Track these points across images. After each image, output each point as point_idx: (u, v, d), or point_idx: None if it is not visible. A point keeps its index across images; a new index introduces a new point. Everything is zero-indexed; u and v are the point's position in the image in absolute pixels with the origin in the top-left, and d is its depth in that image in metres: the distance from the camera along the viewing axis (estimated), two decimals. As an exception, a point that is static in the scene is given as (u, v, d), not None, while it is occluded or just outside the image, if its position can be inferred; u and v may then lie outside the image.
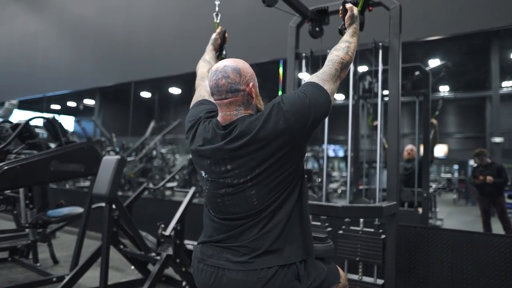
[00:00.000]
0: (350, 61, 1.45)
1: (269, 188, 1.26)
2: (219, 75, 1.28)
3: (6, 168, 2.74)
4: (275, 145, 1.23)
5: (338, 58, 1.42)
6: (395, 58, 2.29)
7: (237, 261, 1.26)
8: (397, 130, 2.26)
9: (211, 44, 1.94)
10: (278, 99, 1.30)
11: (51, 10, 6.91)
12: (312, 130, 1.30)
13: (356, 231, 2.29)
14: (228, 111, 1.29)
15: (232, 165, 1.26)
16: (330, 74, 1.38)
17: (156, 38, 5.03)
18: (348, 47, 1.47)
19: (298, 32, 2.71)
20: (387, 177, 2.27)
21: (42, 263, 3.52)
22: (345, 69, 1.43)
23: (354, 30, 1.57)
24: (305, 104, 1.26)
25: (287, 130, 1.22)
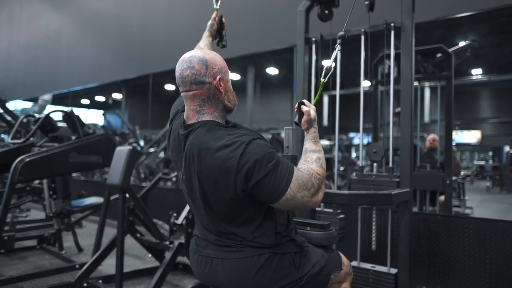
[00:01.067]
0: (324, 174, 1.23)
1: (225, 212, 1.22)
2: (184, 65, 1.21)
3: (27, 160, 2.86)
4: (224, 181, 1.14)
5: (315, 173, 1.19)
6: (407, 40, 2.18)
7: (228, 250, 1.25)
8: (411, 115, 2.17)
9: (207, 30, 1.92)
10: (248, 138, 1.15)
11: (73, 8, 7.10)
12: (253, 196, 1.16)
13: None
14: (192, 105, 1.23)
15: (184, 169, 1.25)
16: (306, 184, 1.16)
17: (172, 29, 5.06)
18: (319, 159, 1.24)
19: (307, 16, 2.63)
20: (400, 164, 2.19)
21: (67, 251, 3.67)
22: (323, 185, 1.21)
23: (314, 135, 1.32)
24: (263, 164, 1.11)
25: (231, 171, 1.12)
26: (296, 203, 1.15)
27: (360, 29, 2.41)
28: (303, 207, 1.19)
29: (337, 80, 2.43)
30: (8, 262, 3.41)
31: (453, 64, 3.59)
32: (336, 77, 2.42)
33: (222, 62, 1.26)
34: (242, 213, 1.21)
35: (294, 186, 1.13)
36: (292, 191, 1.13)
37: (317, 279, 1.36)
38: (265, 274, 1.23)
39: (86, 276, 2.71)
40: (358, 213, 2.41)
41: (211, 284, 1.33)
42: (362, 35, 2.40)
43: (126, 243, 3.21)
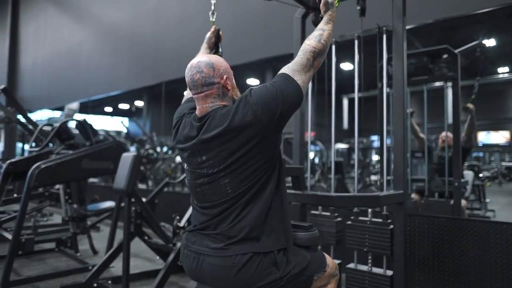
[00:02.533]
0: (323, 49, 1.42)
1: (242, 177, 1.31)
2: (194, 71, 1.35)
3: (43, 167, 3.04)
4: (244, 136, 1.27)
5: (310, 47, 1.40)
6: (399, 43, 2.20)
7: (214, 247, 1.33)
8: (403, 117, 2.18)
9: (205, 42, 2.03)
10: (246, 92, 1.35)
11: (92, 21, 7.42)
12: (283, 121, 1.32)
13: (364, 221, 2.25)
14: (205, 103, 1.36)
15: (206, 156, 1.33)
16: (301, 64, 1.38)
17: (183, 38, 5.22)
18: (321, 35, 1.44)
19: (303, 23, 2.69)
20: (394, 166, 2.20)
21: (83, 253, 3.84)
22: (319, 57, 1.41)
23: (329, 17, 1.53)
24: (272, 96, 1.29)
25: (255, 122, 1.26)
26: (308, 80, 1.39)
27: (354, 34, 2.45)
28: (312, 76, 1.43)
29: (355, 82, 2.45)
30: (28, 263, 3.60)
31: (459, 64, 3.54)
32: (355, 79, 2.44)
33: (225, 64, 1.40)
34: (254, 183, 1.31)
35: (296, 76, 1.35)
36: (299, 80, 1.34)
37: (299, 279, 1.40)
38: (247, 273, 1.29)
39: (96, 277, 2.84)
40: (354, 216, 2.43)
41: (198, 279, 1.41)
42: (356, 39, 2.44)
43: (138, 246, 3.35)
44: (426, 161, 3.82)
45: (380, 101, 3.68)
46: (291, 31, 2.71)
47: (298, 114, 2.66)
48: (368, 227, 2.23)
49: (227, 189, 1.33)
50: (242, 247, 1.31)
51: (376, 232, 2.20)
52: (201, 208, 1.41)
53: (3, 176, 3.53)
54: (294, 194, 1.98)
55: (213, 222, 1.36)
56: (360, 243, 2.25)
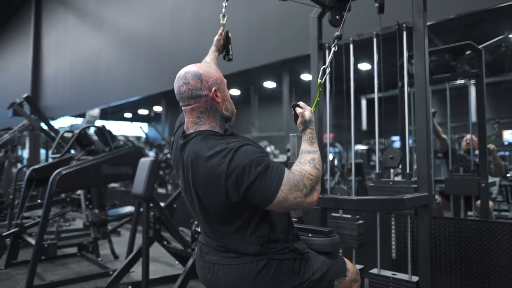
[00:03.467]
0: (319, 175, 1.24)
1: (218, 219, 1.28)
2: (180, 82, 1.29)
3: (63, 173, 3.09)
4: (214, 187, 1.19)
5: (307, 174, 1.21)
6: (420, 40, 2.13)
7: (228, 256, 1.30)
8: (426, 117, 2.10)
9: (213, 45, 2.00)
10: (235, 146, 1.19)
11: (109, 28, 7.56)
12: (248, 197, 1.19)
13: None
14: (191, 117, 1.30)
15: (182, 176, 1.31)
16: (297, 185, 1.18)
17: (199, 42, 5.23)
18: (314, 159, 1.26)
19: (320, 23, 2.64)
20: (417, 167, 2.12)
21: (104, 258, 3.88)
22: (317, 185, 1.23)
23: (310, 136, 1.35)
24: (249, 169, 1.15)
25: (221, 179, 1.17)
26: (289, 204, 1.18)
27: (372, 32, 2.38)
28: (297, 207, 1.21)
29: (375, 81, 2.38)
30: (51, 268, 3.66)
31: (483, 60, 3.41)
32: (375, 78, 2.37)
33: (216, 74, 1.32)
34: (237, 217, 1.25)
35: (285, 187, 1.16)
36: (283, 193, 1.15)
37: (319, 285, 1.36)
38: (264, 279, 1.25)
39: (117, 282, 2.85)
40: (377, 219, 2.35)
41: None
42: (374, 37, 2.37)
43: (158, 250, 3.35)
44: (450, 162, 3.69)
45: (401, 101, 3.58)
46: (307, 32, 2.66)
47: (316, 116, 2.60)
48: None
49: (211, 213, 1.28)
50: (255, 255, 1.28)
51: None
52: (200, 222, 1.38)
53: (26, 182, 3.62)
54: (313, 197, 1.93)
55: (216, 237, 1.33)
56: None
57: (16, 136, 5.87)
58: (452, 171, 3.56)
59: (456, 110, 3.80)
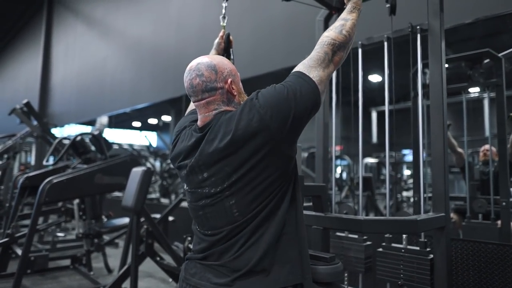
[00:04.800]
0: (346, 41, 1.20)
1: (251, 196, 1.08)
2: (193, 74, 1.15)
3: (54, 182, 2.93)
4: (251, 147, 1.06)
5: (329, 39, 1.19)
6: (436, 43, 1.93)
7: (216, 282, 1.11)
8: (443, 129, 1.89)
9: (214, 49, 1.84)
10: (253, 95, 1.13)
11: (116, 36, 7.53)
12: (297, 127, 1.10)
13: (398, 249, 1.95)
14: (207, 112, 1.15)
15: (208, 172, 1.12)
16: (318, 59, 1.16)
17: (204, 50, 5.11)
18: (343, 25, 1.23)
19: (326, 25, 2.47)
20: (432, 184, 1.90)
21: (98, 272, 3.70)
22: (340, 51, 1.20)
23: (353, 5, 1.31)
24: (282, 97, 1.08)
25: (263, 129, 1.05)
26: (327, 78, 1.16)
27: (383, 35, 2.19)
28: (332, 73, 1.20)
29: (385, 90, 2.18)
30: (41, 281, 3.48)
31: (503, 70, 3.18)
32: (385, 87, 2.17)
33: (230, 65, 1.20)
34: (266, 204, 1.09)
35: (312, 73, 1.13)
36: (315, 78, 1.12)
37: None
38: None
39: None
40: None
41: None
42: (385, 41, 2.18)
43: (152, 265, 3.15)
44: (467, 178, 3.44)
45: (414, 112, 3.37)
46: (314, 36, 2.48)
47: (321, 126, 2.42)
48: (403, 256, 1.92)
49: (233, 212, 1.10)
50: (249, 283, 1.07)
51: (412, 263, 1.88)
52: (203, 234, 1.19)
53: (19, 191, 3.47)
54: (315, 216, 1.72)
55: (216, 251, 1.14)
56: (394, 275, 1.94)
57: (18, 143, 5.79)
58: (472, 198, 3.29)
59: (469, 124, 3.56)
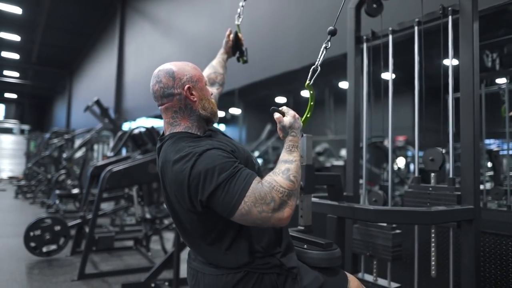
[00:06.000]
0: (294, 188, 1.08)
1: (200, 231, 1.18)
2: (154, 81, 1.22)
3: (113, 171, 3.29)
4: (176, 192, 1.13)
5: (277, 186, 1.06)
6: (467, 26, 1.81)
7: (208, 266, 1.23)
8: (473, 119, 1.78)
9: (222, 47, 1.92)
10: (198, 150, 1.10)
11: (177, 34, 7.98)
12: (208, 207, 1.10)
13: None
14: (166, 118, 1.23)
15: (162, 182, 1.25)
16: (263, 198, 1.04)
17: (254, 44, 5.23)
18: (289, 170, 1.10)
19: (358, 13, 2.42)
20: (461, 176, 1.80)
21: (155, 253, 4.06)
22: (290, 200, 1.06)
23: (291, 144, 1.18)
24: (210, 177, 1.05)
25: (183, 187, 1.10)
26: (254, 218, 1.05)
27: (414, 20, 2.10)
28: (263, 223, 1.06)
29: (415, 78, 2.09)
30: (108, 258, 3.95)
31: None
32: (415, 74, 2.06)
33: (193, 71, 1.23)
34: (211, 229, 1.16)
35: (249, 199, 1.04)
36: (247, 205, 1.03)
37: (309, 304, 1.21)
38: None
39: (154, 278, 2.94)
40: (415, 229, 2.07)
41: None
42: (416, 25, 2.08)
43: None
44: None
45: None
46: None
47: (352, 117, 2.38)
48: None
49: (181, 223, 1.21)
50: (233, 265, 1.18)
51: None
52: None
53: (89, 178, 3.94)
54: (329, 205, 1.75)
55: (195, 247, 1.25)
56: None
57: (94, 136, 6.52)
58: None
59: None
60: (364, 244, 2.12)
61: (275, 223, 1.06)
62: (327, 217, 1.78)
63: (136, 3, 10.85)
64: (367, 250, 2.10)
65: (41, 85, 23.78)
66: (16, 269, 3.56)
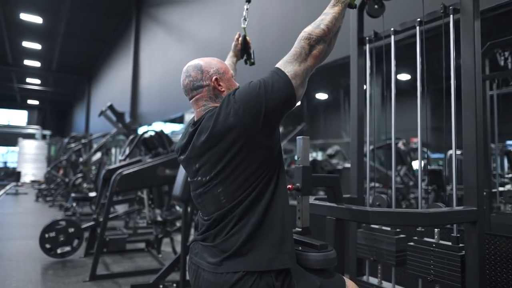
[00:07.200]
0: (324, 34, 1.21)
1: (235, 185, 1.19)
2: (183, 76, 1.31)
3: (123, 174, 3.36)
4: (229, 140, 1.16)
5: (306, 34, 1.21)
6: (468, 23, 1.79)
7: (210, 261, 1.25)
8: (475, 116, 1.75)
9: (231, 50, 1.96)
10: (231, 91, 1.23)
11: (189, 39, 8.08)
12: (272, 121, 1.16)
13: (429, 244, 1.86)
14: (198, 108, 1.30)
15: (199, 163, 1.26)
16: (295, 54, 1.20)
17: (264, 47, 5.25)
18: (322, 20, 1.24)
19: (361, 14, 2.41)
20: (464, 177, 1.77)
21: (165, 255, 4.12)
22: (318, 45, 1.21)
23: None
24: (254, 92, 1.15)
25: (237, 123, 1.14)
26: (304, 73, 1.18)
27: (415, 20, 2.08)
28: (310, 69, 1.21)
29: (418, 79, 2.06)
30: (119, 260, 4.02)
31: None
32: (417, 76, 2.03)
33: (219, 64, 1.31)
34: (250, 191, 1.18)
35: (287, 67, 1.17)
36: (289, 72, 1.16)
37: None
38: None
39: (162, 279, 2.98)
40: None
41: None
42: (417, 25, 2.06)
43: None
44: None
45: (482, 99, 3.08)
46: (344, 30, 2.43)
47: (356, 118, 2.38)
48: (434, 251, 1.83)
49: (221, 199, 1.22)
50: (234, 263, 1.19)
51: (443, 259, 1.79)
52: (203, 219, 1.34)
53: (102, 181, 4.03)
54: (328, 207, 1.75)
55: (210, 234, 1.27)
56: (424, 271, 1.86)
57: (109, 141, 6.67)
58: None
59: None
60: (368, 248, 2.10)
61: (313, 66, 1.21)
62: (326, 219, 1.78)
63: (151, 9, 11.06)
64: (371, 254, 2.08)
65: (61, 92, 24.50)
66: (31, 269, 3.67)
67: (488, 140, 3.09)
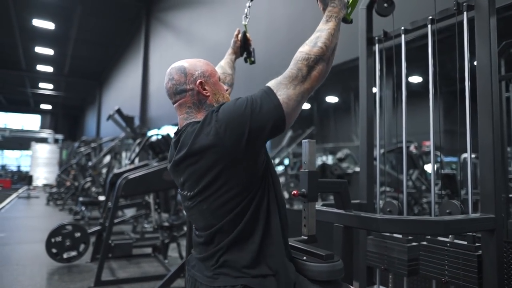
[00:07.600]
0: (322, 53, 1.09)
1: (219, 204, 1.12)
2: (166, 79, 1.22)
3: (129, 179, 3.32)
4: (208, 160, 1.08)
5: (303, 55, 1.09)
6: (483, 21, 1.70)
7: (206, 275, 1.19)
8: (492, 118, 1.65)
9: (230, 47, 1.90)
10: (215, 107, 1.13)
11: (198, 42, 8.08)
12: (255, 143, 1.06)
13: (443, 243, 1.75)
14: (181, 114, 1.21)
15: (183, 177, 1.18)
16: (290, 76, 1.08)
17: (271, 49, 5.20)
18: (318, 37, 1.11)
19: (370, 14, 2.33)
20: (480, 183, 1.68)
21: (171, 261, 4.06)
22: (318, 65, 1.08)
23: (329, 14, 1.17)
24: (239, 112, 1.04)
25: (217, 143, 1.05)
26: (298, 97, 1.07)
27: (427, 18, 1.99)
28: (307, 93, 1.09)
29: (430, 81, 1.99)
30: (126, 265, 3.98)
31: None
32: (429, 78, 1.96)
33: (205, 66, 1.23)
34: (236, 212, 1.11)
35: (280, 90, 1.06)
36: (282, 95, 1.05)
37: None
38: None
39: (167, 286, 2.93)
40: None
41: None
42: (429, 24, 1.97)
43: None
44: None
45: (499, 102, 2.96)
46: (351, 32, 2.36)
47: (365, 121, 2.29)
48: (448, 251, 1.72)
49: (207, 216, 1.15)
50: (230, 277, 1.12)
51: (458, 259, 1.68)
52: (195, 232, 1.27)
53: (109, 186, 4.01)
54: (335, 213, 1.66)
55: (203, 249, 1.21)
56: (438, 271, 1.76)
57: (118, 145, 6.68)
58: None
59: None
60: (379, 257, 2.01)
61: (310, 89, 1.09)
62: (334, 226, 1.70)
63: (160, 14, 11.12)
64: (382, 263, 1.99)
65: (73, 96, 24.85)
66: (37, 274, 3.65)
67: (505, 143, 2.96)
